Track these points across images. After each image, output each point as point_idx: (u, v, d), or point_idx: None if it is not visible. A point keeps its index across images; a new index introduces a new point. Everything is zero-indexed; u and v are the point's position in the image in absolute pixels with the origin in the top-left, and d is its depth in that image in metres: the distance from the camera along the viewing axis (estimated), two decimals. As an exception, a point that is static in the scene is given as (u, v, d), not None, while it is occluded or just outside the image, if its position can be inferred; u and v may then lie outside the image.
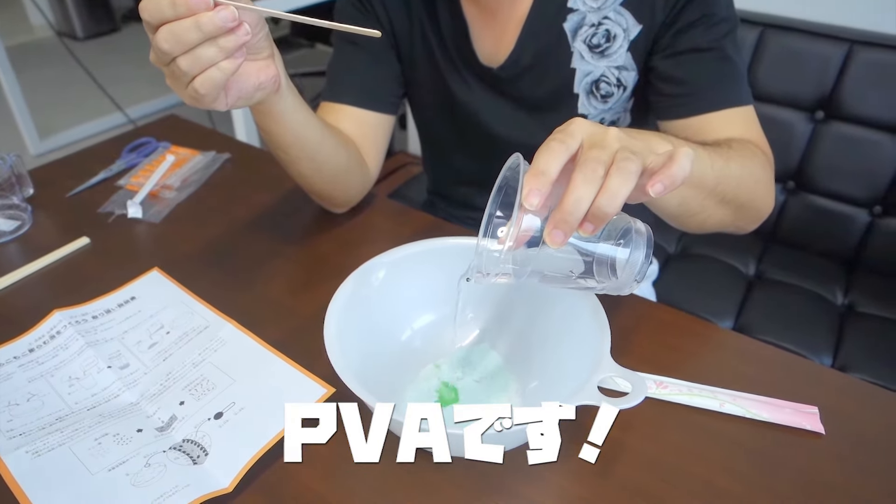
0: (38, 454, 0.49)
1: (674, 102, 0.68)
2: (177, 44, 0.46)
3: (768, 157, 0.67)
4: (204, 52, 0.47)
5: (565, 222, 0.40)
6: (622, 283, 0.44)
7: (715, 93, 0.66)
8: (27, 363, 0.59)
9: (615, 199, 0.39)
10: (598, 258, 0.44)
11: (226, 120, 2.57)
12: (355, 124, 0.78)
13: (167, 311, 0.64)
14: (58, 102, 2.82)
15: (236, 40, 0.47)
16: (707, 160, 0.56)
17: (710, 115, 0.66)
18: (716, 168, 0.56)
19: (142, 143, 0.95)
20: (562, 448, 0.38)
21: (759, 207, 0.66)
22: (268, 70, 0.55)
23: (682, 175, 0.40)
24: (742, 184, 0.60)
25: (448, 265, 0.59)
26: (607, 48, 0.69)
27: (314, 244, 0.75)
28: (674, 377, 0.57)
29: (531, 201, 0.39)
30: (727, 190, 0.59)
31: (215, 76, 0.48)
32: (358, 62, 0.78)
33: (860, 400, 0.56)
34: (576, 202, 0.39)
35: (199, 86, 0.49)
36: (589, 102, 0.73)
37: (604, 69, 0.71)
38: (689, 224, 0.64)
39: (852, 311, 1.15)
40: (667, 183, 0.40)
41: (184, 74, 0.48)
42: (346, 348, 0.49)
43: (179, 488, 0.46)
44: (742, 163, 0.60)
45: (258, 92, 0.55)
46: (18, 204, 0.79)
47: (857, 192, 1.22)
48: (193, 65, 0.48)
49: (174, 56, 0.47)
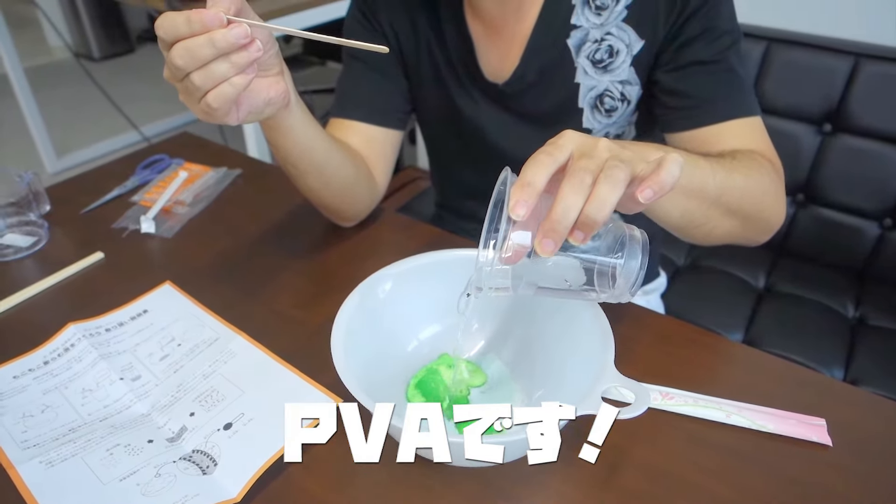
0: (51, 464, 0.50)
1: (678, 115, 0.69)
2: (191, 59, 0.48)
3: (777, 167, 0.67)
4: (217, 67, 0.49)
5: (554, 231, 0.40)
6: (619, 291, 0.44)
7: (719, 104, 0.67)
8: (42, 375, 0.60)
9: (604, 207, 0.40)
10: (595, 268, 0.44)
11: (237, 136, 2.61)
12: (363, 140, 0.79)
13: (178, 323, 0.66)
14: (75, 122, 2.87)
15: (248, 56, 0.49)
16: (708, 170, 0.56)
17: (715, 126, 0.67)
18: (718, 178, 0.57)
19: (155, 159, 0.97)
20: (562, 454, 0.39)
21: (767, 219, 0.66)
22: (277, 86, 0.57)
23: (671, 180, 0.41)
24: (747, 194, 0.60)
25: (454, 277, 0.59)
26: (610, 63, 0.70)
27: (322, 258, 0.76)
28: (679, 388, 0.57)
29: (517, 212, 0.40)
30: (731, 200, 0.59)
31: (227, 91, 0.50)
32: (366, 79, 0.80)
33: (868, 412, 0.56)
34: (564, 211, 0.40)
35: (212, 100, 0.50)
36: (593, 116, 0.74)
37: (607, 84, 0.72)
38: (694, 235, 0.64)
39: (864, 323, 1.14)
40: (656, 188, 0.41)
41: (197, 90, 0.50)
42: (353, 360, 0.50)
43: (189, 498, 0.47)
44: (747, 173, 0.60)
45: (268, 107, 0.57)
46: (35, 220, 0.81)
47: (867, 204, 1.21)
48: (206, 80, 0.49)
49: (188, 72, 0.49)
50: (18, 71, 2.25)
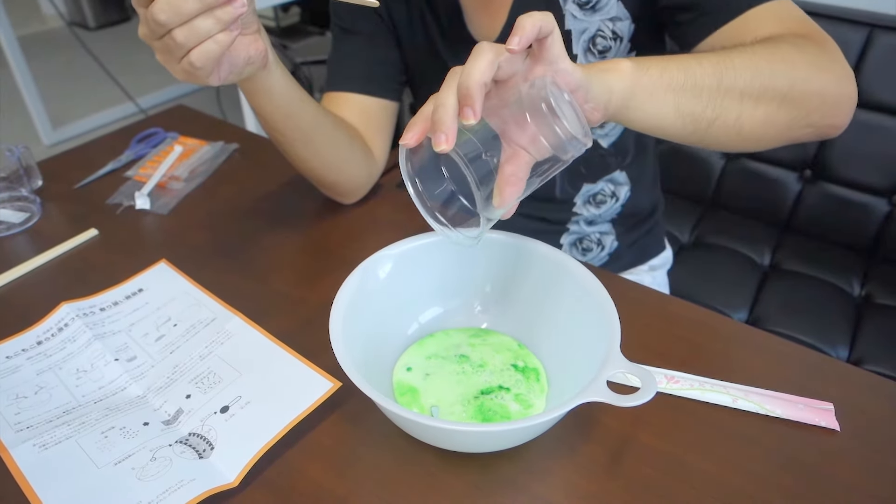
0: (45, 447, 0.49)
1: (693, 26, 0.64)
2: (175, 15, 0.46)
3: (817, 39, 0.60)
4: (201, 23, 0.47)
5: (437, 122, 0.42)
6: (569, 134, 0.43)
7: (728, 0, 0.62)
8: (35, 356, 0.59)
9: (471, 75, 0.42)
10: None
11: (235, 109, 2.57)
12: (358, 112, 0.77)
13: (174, 303, 0.64)
14: (70, 93, 2.83)
15: (233, 12, 0.47)
16: (689, 58, 0.53)
17: (733, 23, 0.61)
18: (706, 62, 0.53)
19: (150, 133, 0.94)
20: (567, 441, 0.38)
21: (818, 92, 0.57)
22: (257, 44, 0.56)
23: (526, 22, 0.43)
24: (762, 70, 0.54)
25: (455, 258, 0.58)
26: (598, 2, 0.68)
27: (321, 235, 0.75)
28: (685, 371, 0.56)
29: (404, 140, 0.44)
30: (741, 81, 0.54)
31: (212, 49, 0.48)
32: (357, 49, 0.78)
33: (876, 396, 0.55)
34: (437, 108, 0.42)
35: (196, 59, 0.48)
36: (586, 60, 0.72)
37: (598, 24, 0.70)
38: (722, 137, 0.57)
39: (869, 301, 1.13)
40: (518, 33, 0.43)
41: (179, 47, 0.48)
42: (352, 343, 0.49)
43: (185, 483, 0.46)
44: (753, 50, 0.55)
45: (248, 66, 0.56)
46: (27, 196, 0.79)
47: (876, 180, 1.19)
48: (190, 37, 0.47)
49: (170, 28, 0.47)
50: (12, 40, 2.21)
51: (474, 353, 0.57)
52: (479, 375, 0.55)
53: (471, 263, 0.58)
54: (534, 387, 0.54)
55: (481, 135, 0.44)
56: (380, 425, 0.51)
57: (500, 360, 0.56)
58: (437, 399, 0.53)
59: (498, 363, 0.56)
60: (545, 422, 0.44)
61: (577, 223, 0.86)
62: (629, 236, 0.89)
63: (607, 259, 0.90)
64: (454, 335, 0.59)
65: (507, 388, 0.53)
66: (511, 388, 0.53)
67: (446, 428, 0.44)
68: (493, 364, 0.56)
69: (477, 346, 0.58)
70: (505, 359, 0.56)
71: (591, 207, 0.84)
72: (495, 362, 0.56)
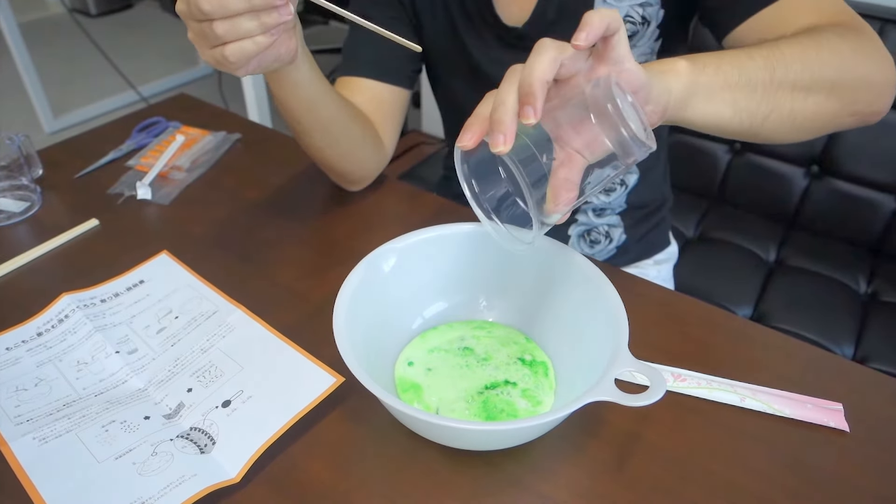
0: (45, 441, 0.49)
1: (726, 13, 0.63)
2: (220, 7, 0.46)
3: (854, 25, 0.59)
4: (244, 23, 0.47)
5: (498, 122, 0.41)
6: (630, 136, 0.42)
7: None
8: (35, 347, 0.58)
9: (532, 72, 0.40)
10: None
11: (237, 99, 2.56)
12: (371, 98, 0.77)
13: (176, 295, 0.64)
14: (71, 80, 2.81)
15: (278, 18, 0.47)
16: (740, 53, 0.52)
17: (767, 10, 0.61)
18: (758, 56, 0.52)
19: (151, 122, 0.93)
20: (573, 440, 0.37)
21: (863, 76, 0.57)
22: (289, 42, 0.55)
23: (594, 18, 0.41)
24: (810, 60, 0.54)
25: (460, 252, 0.57)
26: None
27: (325, 227, 0.74)
28: (691, 369, 0.55)
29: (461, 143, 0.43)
30: (792, 74, 0.53)
31: (249, 48, 0.48)
32: (373, 36, 0.76)
33: (886, 396, 0.54)
34: (496, 107, 0.41)
35: (230, 53, 0.48)
36: None
37: (627, 8, 0.69)
38: (780, 131, 0.56)
39: (876, 299, 1.12)
40: (585, 29, 0.41)
41: (216, 38, 0.47)
42: (355, 338, 0.48)
43: (186, 478, 0.46)
44: (800, 41, 0.55)
45: (276, 62, 0.55)
46: (27, 185, 0.78)
47: (884, 177, 1.18)
48: (230, 32, 0.47)
49: (212, 18, 0.46)
50: (13, 26, 2.19)
51: (479, 346, 0.56)
52: (483, 369, 0.54)
53: (476, 258, 0.58)
54: (542, 382, 0.53)
55: (535, 136, 0.42)
56: (383, 421, 0.51)
57: (507, 354, 0.55)
58: (440, 395, 0.52)
59: (504, 357, 0.55)
60: (552, 421, 0.43)
61: (584, 213, 0.85)
62: (637, 230, 0.88)
63: (615, 252, 0.89)
64: (457, 327, 0.58)
65: (514, 384, 0.53)
66: (518, 383, 0.53)
67: (453, 426, 0.44)
68: (499, 357, 0.55)
69: (481, 338, 0.57)
70: (511, 352, 0.56)
71: (601, 194, 0.83)
72: (501, 356, 0.55)
